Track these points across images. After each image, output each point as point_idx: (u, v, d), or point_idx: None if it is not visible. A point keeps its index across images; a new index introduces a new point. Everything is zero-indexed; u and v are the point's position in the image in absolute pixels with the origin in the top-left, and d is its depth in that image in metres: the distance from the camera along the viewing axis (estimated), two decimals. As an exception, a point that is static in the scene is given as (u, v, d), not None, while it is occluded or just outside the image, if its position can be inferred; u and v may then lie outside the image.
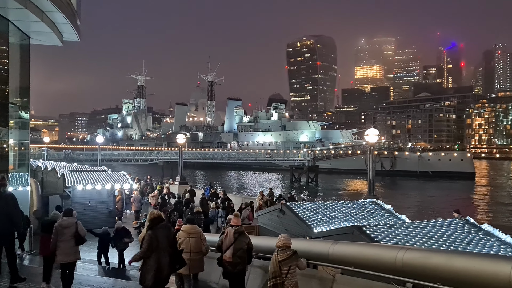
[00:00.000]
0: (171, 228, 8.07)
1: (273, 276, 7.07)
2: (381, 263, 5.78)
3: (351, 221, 10.94)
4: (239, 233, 8.49)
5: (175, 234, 8.13)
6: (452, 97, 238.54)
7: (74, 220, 9.56)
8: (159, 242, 7.34)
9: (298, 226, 10.85)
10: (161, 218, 7.64)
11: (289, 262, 7.05)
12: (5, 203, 8.78)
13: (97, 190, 22.72)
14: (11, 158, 15.92)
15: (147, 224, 7.60)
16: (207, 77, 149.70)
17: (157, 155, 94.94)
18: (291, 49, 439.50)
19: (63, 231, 9.22)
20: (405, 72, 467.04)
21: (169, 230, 7.71)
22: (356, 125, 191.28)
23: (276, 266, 7.05)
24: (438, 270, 4.89)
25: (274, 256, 7.20)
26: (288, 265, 7.03)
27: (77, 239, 9.37)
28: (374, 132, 18.73)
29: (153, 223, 7.50)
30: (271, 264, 7.22)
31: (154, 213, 7.74)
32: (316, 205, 11.97)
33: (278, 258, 7.09)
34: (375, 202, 12.52)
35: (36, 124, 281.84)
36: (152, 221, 7.52)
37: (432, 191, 61.95)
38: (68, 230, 9.27)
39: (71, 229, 9.32)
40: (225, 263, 8.43)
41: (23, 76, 16.60)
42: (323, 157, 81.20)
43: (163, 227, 7.56)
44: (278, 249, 7.24)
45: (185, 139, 30.88)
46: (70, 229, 9.30)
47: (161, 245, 7.35)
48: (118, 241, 14.91)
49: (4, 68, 15.01)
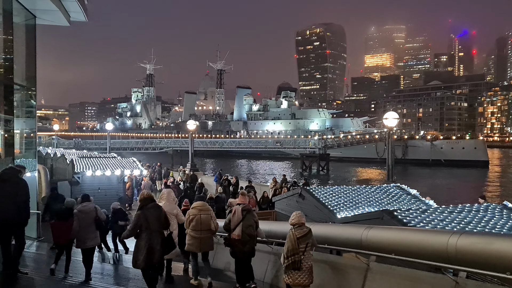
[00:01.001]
0: (162, 209, 7.88)
1: (291, 254, 6.86)
2: (429, 249, 5.10)
3: (376, 206, 10.24)
4: (247, 211, 8.30)
5: (166, 214, 7.88)
6: (464, 85, 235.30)
7: (93, 205, 9.46)
8: (149, 223, 7.31)
9: (320, 211, 10.19)
10: (151, 198, 7.64)
11: (306, 239, 6.91)
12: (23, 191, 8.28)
13: (107, 176, 22.23)
14: (17, 143, 15.39)
15: (138, 204, 7.67)
16: (216, 65, 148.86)
17: (167, 143, 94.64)
18: (300, 37, 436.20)
19: (83, 217, 9.12)
20: (415, 60, 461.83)
21: (160, 211, 7.62)
22: (366, 113, 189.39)
23: (295, 243, 6.86)
24: (504, 258, 4.16)
25: (292, 233, 6.99)
26: (305, 242, 6.90)
27: (97, 224, 9.31)
28: (394, 116, 17.96)
29: (143, 203, 7.51)
30: (288, 241, 7.00)
31: (145, 193, 7.78)
32: (338, 190, 11.29)
33: (296, 235, 6.92)
34: (399, 186, 11.81)
35: (46, 114, 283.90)
36: (142, 201, 7.55)
37: (447, 179, 60.89)
38: (88, 216, 9.19)
39: (91, 214, 9.24)
40: (234, 241, 8.18)
41: (29, 59, 15.98)
42: (334, 145, 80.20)
43: (154, 207, 7.54)
44: (293, 226, 7.09)
45: (195, 125, 30.32)
46: (90, 215, 9.22)
47: (151, 226, 7.32)
48: (114, 224, 13.63)
49: (9, 50, 14.37)
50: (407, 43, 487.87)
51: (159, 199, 8.94)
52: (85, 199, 9.61)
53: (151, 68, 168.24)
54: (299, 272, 6.83)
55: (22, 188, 8.21)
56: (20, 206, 8.08)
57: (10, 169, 8.42)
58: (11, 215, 7.89)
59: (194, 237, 8.60)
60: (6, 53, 14.19)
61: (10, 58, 13.90)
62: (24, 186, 8.28)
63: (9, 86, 13.61)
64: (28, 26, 15.88)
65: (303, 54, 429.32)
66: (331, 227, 7.37)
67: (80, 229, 9.06)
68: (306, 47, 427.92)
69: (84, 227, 9.11)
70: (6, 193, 7.87)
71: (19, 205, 8.04)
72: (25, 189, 8.27)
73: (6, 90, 13.53)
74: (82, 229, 9.08)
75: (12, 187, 7.99)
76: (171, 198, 9.06)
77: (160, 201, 8.80)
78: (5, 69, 13.87)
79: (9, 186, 7.96)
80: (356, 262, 6.53)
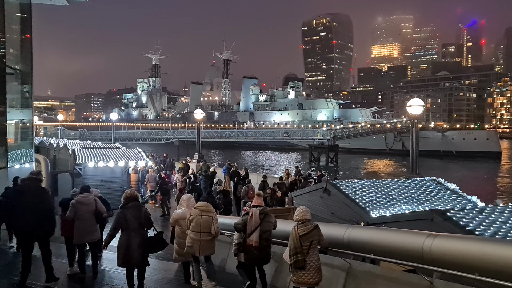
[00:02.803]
0: (142, 207, 7.82)
1: (294, 253, 6.51)
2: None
3: (413, 204, 8.94)
4: (265, 214, 7.67)
5: (147, 214, 7.82)
6: (473, 75, 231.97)
7: (93, 197, 8.95)
8: (128, 222, 7.36)
9: (349, 209, 8.92)
10: (134, 197, 7.67)
11: (310, 237, 6.50)
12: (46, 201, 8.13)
13: (110, 168, 21.03)
14: (12, 133, 14.23)
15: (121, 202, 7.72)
16: (223, 55, 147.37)
17: (173, 134, 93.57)
18: (306, 27, 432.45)
19: (80, 208, 8.62)
20: (423, 50, 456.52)
21: (139, 210, 7.59)
22: (373, 104, 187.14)
23: (297, 241, 6.50)
24: None
25: (294, 230, 6.62)
26: (309, 240, 6.49)
27: (97, 217, 8.83)
28: (418, 103, 16.54)
29: (124, 202, 7.58)
30: (290, 240, 6.65)
31: (128, 192, 7.82)
32: (367, 184, 9.99)
33: (298, 233, 6.54)
34: (435, 180, 10.50)
35: (53, 105, 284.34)
36: (124, 199, 7.63)
37: (460, 171, 59.24)
38: (87, 208, 8.69)
39: (90, 207, 8.74)
40: (250, 248, 7.52)
41: (24, 40, 14.74)
42: (343, 136, 78.67)
43: (134, 207, 7.52)
44: (297, 223, 6.69)
45: (203, 114, 29.07)
46: (89, 207, 8.72)
47: (130, 225, 7.35)
48: None
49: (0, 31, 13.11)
50: (415, 33, 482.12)
51: (179, 205, 8.85)
52: (84, 190, 9.06)
53: (157, 59, 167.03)
54: (303, 271, 6.47)
55: (45, 198, 8.06)
56: (43, 216, 7.91)
57: (30, 180, 8.12)
58: (33, 226, 7.73)
59: (193, 239, 8.09)
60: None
61: (1, 40, 12.67)
62: (46, 195, 8.16)
63: (1, 69, 12.39)
64: (23, 5, 14.64)
65: (309, 45, 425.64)
66: (378, 231, 6.11)
67: (78, 222, 8.59)
68: (313, 37, 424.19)
69: (83, 220, 8.60)
70: (28, 204, 7.70)
71: (42, 215, 7.87)
72: (47, 199, 8.14)
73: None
74: (80, 223, 8.60)
75: (34, 198, 7.82)
76: (190, 204, 8.76)
77: (180, 207, 8.73)
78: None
79: (30, 197, 7.80)
80: (414, 278, 5.26)
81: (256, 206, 7.83)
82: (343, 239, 6.45)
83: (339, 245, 6.54)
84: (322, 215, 9.84)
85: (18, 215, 7.80)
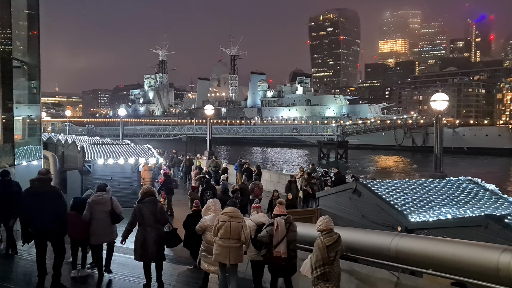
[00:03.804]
0: (158, 203, 7.90)
1: (321, 264, 6.23)
2: None
3: (453, 207, 8.26)
4: (289, 223, 7.45)
5: (162, 209, 7.96)
6: (482, 71, 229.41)
7: (109, 196, 8.69)
8: (143, 218, 7.51)
9: (383, 212, 8.22)
10: (151, 193, 7.79)
11: (336, 247, 6.31)
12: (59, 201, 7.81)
13: (120, 165, 20.42)
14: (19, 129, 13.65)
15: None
16: (230, 50, 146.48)
17: (181, 130, 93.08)
18: (313, 23, 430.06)
19: (96, 208, 8.42)
20: (431, 46, 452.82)
21: (155, 206, 7.65)
22: (380, 100, 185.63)
23: (324, 252, 6.23)
24: None
25: (320, 241, 6.35)
26: (335, 250, 6.30)
27: (113, 217, 8.58)
28: (443, 97, 15.76)
29: (140, 198, 7.75)
30: (316, 250, 6.34)
31: (145, 188, 8.01)
32: (400, 185, 9.27)
33: (325, 243, 6.28)
34: (471, 180, 9.76)
35: (60, 100, 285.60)
36: (141, 195, 7.82)
37: (476, 168, 58.11)
38: (102, 207, 8.48)
39: (106, 206, 8.51)
40: (277, 259, 7.26)
41: (32, 32, 14.12)
42: (353, 132, 77.77)
43: (150, 202, 7.59)
44: (321, 233, 6.41)
45: (213, 110, 28.40)
46: (104, 206, 8.49)
47: (146, 221, 7.48)
48: None
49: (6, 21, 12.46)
50: (423, 29, 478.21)
51: (206, 210, 8.48)
52: (100, 189, 8.79)
53: (164, 54, 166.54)
54: (328, 283, 6.23)
55: (57, 198, 7.78)
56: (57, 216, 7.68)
57: (39, 180, 7.78)
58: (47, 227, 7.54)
59: (222, 246, 7.70)
60: (3, 25, 12.31)
61: (8, 30, 12.05)
62: (59, 196, 7.86)
63: (7, 61, 11.77)
64: (31, 0, 14.01)
65: (316, 40, 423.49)
66: (436, 242, 5.38)
67: (94, 222, 8.40)
68: (319, 33, 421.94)
69: (98, 220, 8.41)
70: (41, 205, 7.52)
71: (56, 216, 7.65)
72: (60, 199, 7.83)
73: (3, 66, 11.71)
74: (96, 223, 8.40)
75: (46, 199, 7.59)
76: (217, 208, 8.47)
77: (207, 212, 8.38)
78: (1, 42, 12.03)
79: (42, 198, 7.57)
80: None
81: (279, 215, 7.53)
82: (389, 249, 5.75)
83: (383, 255, 5.83)
84: (351, 217, 9.16)
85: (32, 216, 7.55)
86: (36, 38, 14.81)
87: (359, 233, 6.00)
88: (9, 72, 12.35)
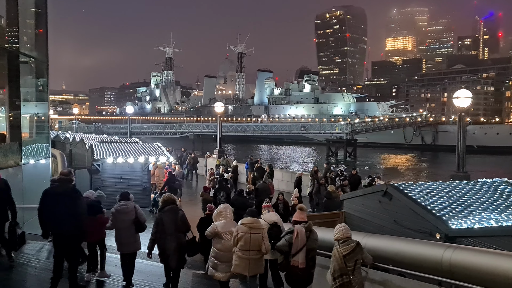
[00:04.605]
0: (180, 211, 7.72)
1: (339, 275, 6.01)
2: None
3: (494, 211, 7.62)
4: (310, 231, 7.05)
5: (184, 217, 7.70)
6: (490, 68, 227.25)
7: (133, 205, 8.33)
8: (164, 226, 7.40)
9: (419, 217, 7.59)
10: (172, 200, 7.63)
11: (354, 256, 6.05)
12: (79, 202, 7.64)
13: (129, 164, 19.87)
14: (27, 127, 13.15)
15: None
16: (237, 48, 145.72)
17: (188, 128, 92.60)
18: (319, 20, 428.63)
19: (120, 217, 8.13)
20: (438, 43, 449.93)
21: (176, 214, 7.53)
22: (387, 98, 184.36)
23: (341, 262, 6.01)
24: None
25: (336, 250, 6.15)
26: (353, 259, 6.03)
27: (137, 226, 8.22)
28: (466, 94, 15.08)
29: (161, 206, 7.66)
30: (333, 261, 6.15)
31: (165, 196, 7.84)
32: (434, 187, 8.63)
33: (341, 253, 6.07)
34: (508, 182, 9.12)
35: (67, 98, 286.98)
36: (162, 203, 7.70)
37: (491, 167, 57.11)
38: (126, 217, 8.16)
39: (130, 215, 8.17)
40: (294, 269, 6.87)
41: (40, 25, 13.59)
42: (362, 130, 76.96)
43: (170, 211, 7.47)
44: (338, 242, 6.22)
45: (223, 107, 27.80)
46: (129, 215, 8.17)
47: (167, 230, 7.37)
48: None
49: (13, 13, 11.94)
50: (430, 26, 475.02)
51: (217, 216, 7.98)
52: (124, 197, 8.36)
53: (170, 52, 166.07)
54: None
55: (76, 200, 7.55)
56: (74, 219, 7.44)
57: (59, 181, 7.57)
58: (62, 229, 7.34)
59: (241, 258, 7.44)
60: (10, 17, 11.78)
61: (15, 23, 11.51)
62: (77, 198, 7.62)
63: (14, 56, 11.23)
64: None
65: (322, 38, 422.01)
66: (505, 258, 4.74)
67: (118, 232, 8.19)
68: (326, 30, 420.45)
69: (122, 230, 8.13)
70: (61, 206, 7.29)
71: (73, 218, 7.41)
72: (79, 202, 7.60)
73: (10, 61, 11.18)
74: (120, 232, 8.16)
75: (66, 200, 7.37)
76: (228, 214, 8.11)
77: (219, 218, 7.89)
78: (9, 36, 11.50)
79: (63, 199, 7.35)
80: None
81: (299, 222, 7.08)
82: (441, 262, 5.13)
83: (432, 269, 5.22)
84: (381, 222, 8.55)
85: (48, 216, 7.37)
86: (44, 33, 14.32)
87: (400, 242, 5.38)
88: (16, 68, 11.86)
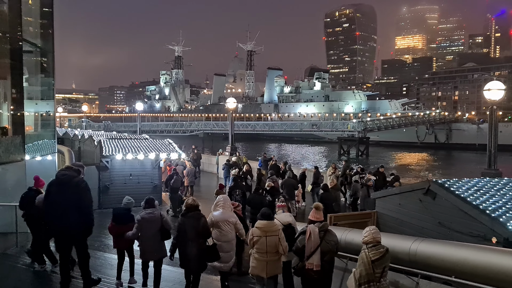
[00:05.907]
0: (202, 218, 7.52)
1: (366, 281, 5.58)
2: None
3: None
4: (325, 231, 6.60)
5: (206, 224, 7.51)
6: (503, 66, 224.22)
7: (159, 212, 8.15)
8: (186, 231, 7.33)
9: (470, 218, 6.67)
10: (195, 206, 7.52)
11: (383, 262, 5.63)
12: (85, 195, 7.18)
13: (139, 161, 19.13)
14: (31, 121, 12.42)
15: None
16: (246, 46, 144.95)
17: (197, 126, 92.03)
18: (329, 19, 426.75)
19: (147, 226, 7.92)
20: (449, 41, 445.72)
21: (198, 220, 7.42)
22: (397, 97, 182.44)
23: (369, 267, 5.58)
24: None
25: (365, 254, 5.69)
26: (382, 266, 5.62)
27: (162, 234, 8.03)
28: (498, 86, 14.07)
29: (184, 211, 7.57)
30: (360, 265, 5.70)
31: (189, 201, 7.69)
32: (482, 184, 7.69)
33: (370, 257, 5.62)
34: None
35: (77, 97, 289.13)
36: (185, 208, 7.59)
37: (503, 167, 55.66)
38: (153, 225, 7.94)
39: (156, 224, 7.96)
40: (309, 271, 6.44)
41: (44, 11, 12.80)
42: (374, 128, 75.74)
43: (193, 217, 7.41)
44: (366, 245, 5.75)
45: (235, 103, 26.94)
46: (155, 224, 7.95)
47: (188, 235, 7.28)
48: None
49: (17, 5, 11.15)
50: (440, 24, 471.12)
51: (215, 206, 8.32)
52: (150, 205, 8.07)
53: (180, 50, 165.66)
54: None
55: (84, 191, 7.15)
56: (82, 212, 7.08)
57: (68, 170, 7.28)
58: (72, 224, 6.95)
59: (258, 260, 7.34)
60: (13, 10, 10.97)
61: (17, 7, 10.69)
62: (86, 189, 7.21)
63: (16, 43, 10.43)
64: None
65: (332, 36, 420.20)
66: None
67: (143, 240, 7.99)
68: (335, 29, 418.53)
69: (148, 237, 7.94)
70: (66, 199, 6.91)
71: (81, 212, 7.05)
72: (87, 193, 7.23)
73: (12, 49, 10.38)
74: (145, 240, 7.98)
75: (72, 191, 6.98)
76: (227, 205, 8.37)
77: (216, 208, 8.23)
78: (10, 22, 10.67)
79: (68, 190, 6.97)
80: None
81: (313, 221, 6.69)
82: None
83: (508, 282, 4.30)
84: (422, 224, 7.62)
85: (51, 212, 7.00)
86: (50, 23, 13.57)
87: (467, 249, 4.48)
88: (19, 60, 11.09)
